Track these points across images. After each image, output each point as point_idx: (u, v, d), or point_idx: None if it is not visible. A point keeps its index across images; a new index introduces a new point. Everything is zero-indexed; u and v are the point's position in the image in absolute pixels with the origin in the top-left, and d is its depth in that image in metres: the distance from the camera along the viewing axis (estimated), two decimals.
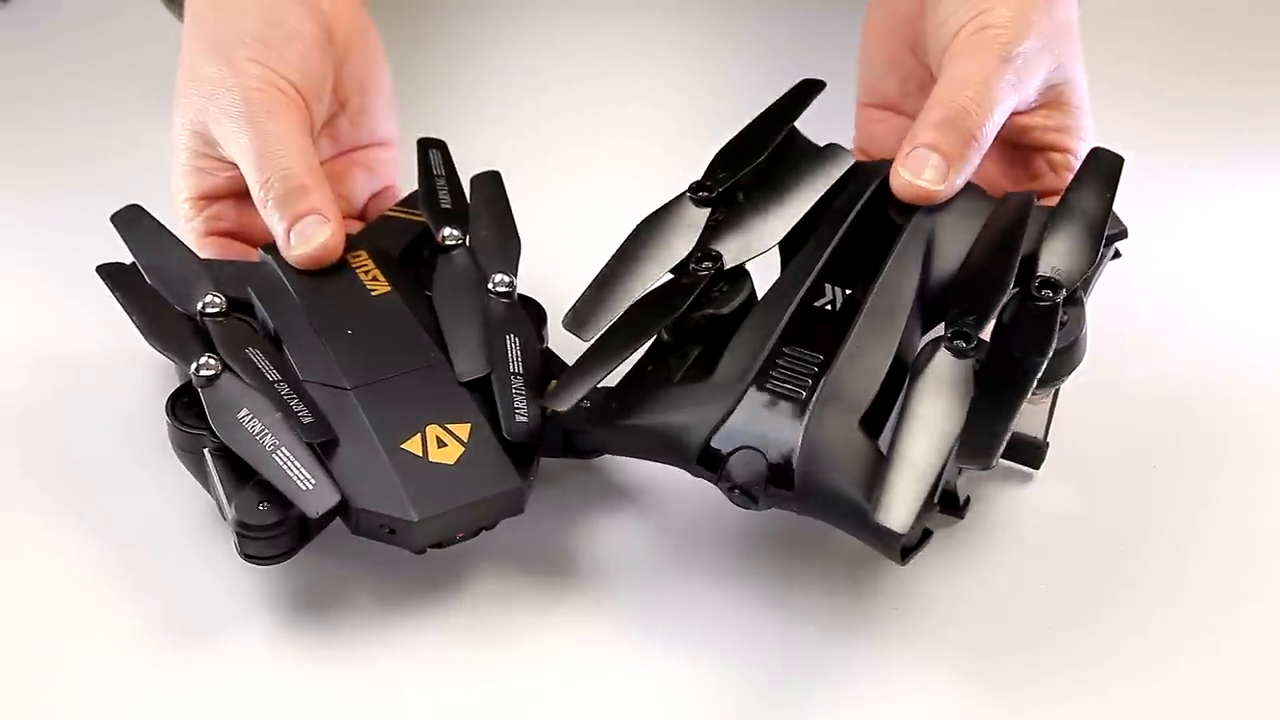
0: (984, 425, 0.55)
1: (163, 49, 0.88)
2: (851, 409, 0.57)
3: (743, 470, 0.57)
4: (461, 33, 0.86)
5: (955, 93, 0.62)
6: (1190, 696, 0.58)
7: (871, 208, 0.63)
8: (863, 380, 0.58)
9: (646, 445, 0.59)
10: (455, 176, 0.70)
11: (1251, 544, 0.63)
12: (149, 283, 0.64)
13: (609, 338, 0.60)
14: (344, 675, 0.59)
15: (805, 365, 0.58)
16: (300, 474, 0.57)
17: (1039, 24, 0.63)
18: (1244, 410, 0.69)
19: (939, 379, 0.57)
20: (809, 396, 0.57)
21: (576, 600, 0.61)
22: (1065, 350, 0.59)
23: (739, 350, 0.59)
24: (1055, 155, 0.65)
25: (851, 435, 0.57)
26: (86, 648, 0.59)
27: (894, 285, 0.60)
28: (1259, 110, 0.85)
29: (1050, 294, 0.59)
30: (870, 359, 0.58)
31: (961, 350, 0.57)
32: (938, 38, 0.64)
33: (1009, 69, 0.62)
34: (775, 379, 0.58)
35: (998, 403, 0.56)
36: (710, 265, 0.61)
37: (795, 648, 0.59)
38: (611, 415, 0.59)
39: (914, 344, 0.59)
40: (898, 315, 0.59)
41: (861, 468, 0.56)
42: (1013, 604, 0.61)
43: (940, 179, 0.61)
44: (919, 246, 0.61)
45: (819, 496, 0.56)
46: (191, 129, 0.67)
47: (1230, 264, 0.76)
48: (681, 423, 0.58)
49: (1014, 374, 0.57)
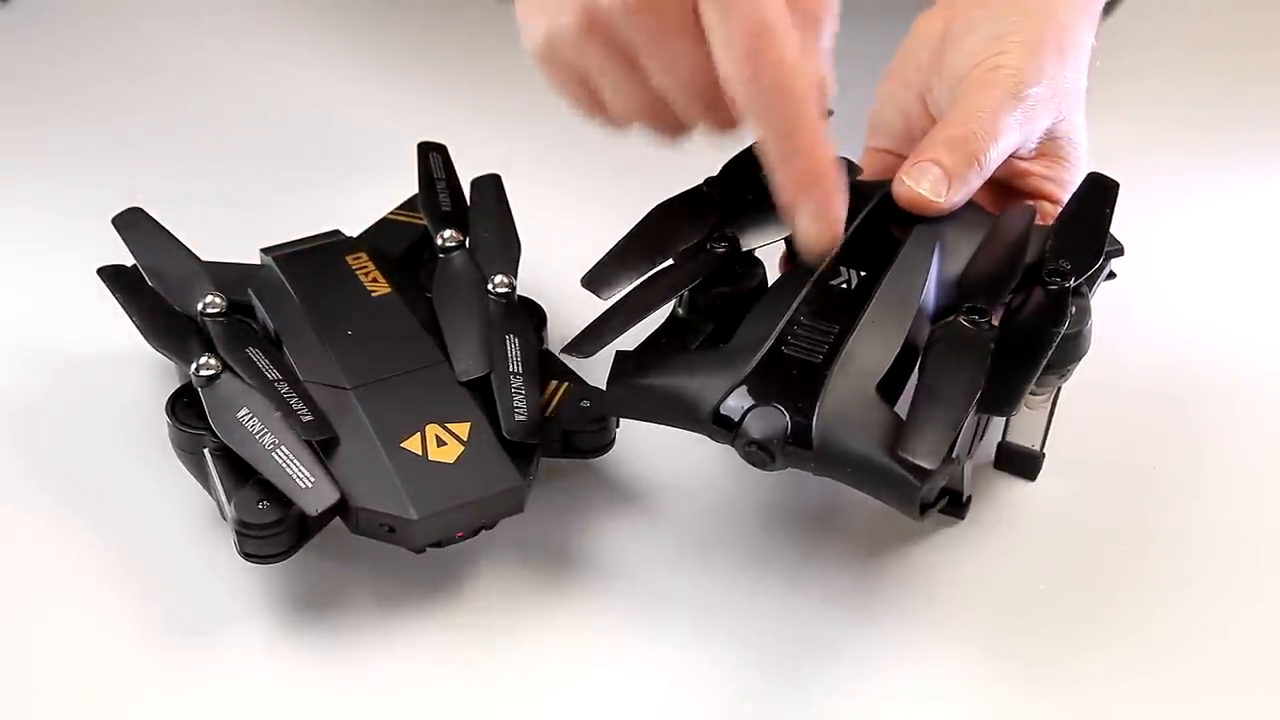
0: (1005, 381, 0.57)
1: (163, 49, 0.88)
2: (869, 374, 0.58)
3: (760, 426, 0.57)
4: (462, 34, 0.86)
5: (964, 118, 0.64)
6: (1189, 691, 0.59)
7: (880, 212, 0.63)
8: (879, 350, 0.58)
9: (662, 407, 0.59)
10: (455, 179, 0.70)
11: (1250, 541, 0.64)
12: (149, 284, 0.64)
13: (628, 299, 0.61)
14: (344, 675, 0.59)
15: (822, 334, 0.59)
16: (300, 472, 0.57)
17: (1050, 73, 0.65)
18: (1242, 409, 0.69)
19: (957, 344, 0.58)
20: (827, 361, 0.58)
21: (576, 600, 0.61)
22: (1073, 338, 0.60)
23: (756, 320, 0.60)
24: (1047, 205, 0.66)
25: (870, 397, 0.57)
26: (86, 647, 0.59)
27: (907, 271, 0.61)
28: (1258, 111, 0.85)
29: (1060, 279, 0.60)
30: (885, 332, 0.59)
31: (976, 323, 0.58)
32: (952, 76, 0.66)
33: (1018, 105, 0.64)
34: (793, 344, 0.59)
35: (1017, 364, 0.58)
36: (726, 245, 0.62)
37: (794, 649, 0.59)
38: (628, 376, 0.60)
39: (924, 335, 0.60)
40: (911, 296, 0.60)
41: (881, 428, 0.56)
42: (1016, 596, 0.61)
43: (940, 192, 0.63)
44: (930, 242, 0.62)
45: (839, 454, 0.57)
46: None
47: (1229, 265, 0.77)
48: (697, 384, 0.58)
49: (1031, 344, 0.58)
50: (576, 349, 0.60)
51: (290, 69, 0.86)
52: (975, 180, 0.63)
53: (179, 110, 0.83)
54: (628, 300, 0.61)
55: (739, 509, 0.62)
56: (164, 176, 0.77)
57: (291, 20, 0.89)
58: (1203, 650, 0.60)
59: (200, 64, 0.87)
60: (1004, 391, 0.57)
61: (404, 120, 0.79)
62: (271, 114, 0.83)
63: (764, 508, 0.63)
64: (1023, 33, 0.65)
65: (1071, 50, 0.66)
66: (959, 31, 0.66)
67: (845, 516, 0.63)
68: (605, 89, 0.61)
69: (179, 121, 0.83)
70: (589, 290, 0.61)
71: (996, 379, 0.57)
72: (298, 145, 0.81)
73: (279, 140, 0.82)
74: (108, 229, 0.67)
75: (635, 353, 0.61)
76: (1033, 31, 0.65)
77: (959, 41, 0.66)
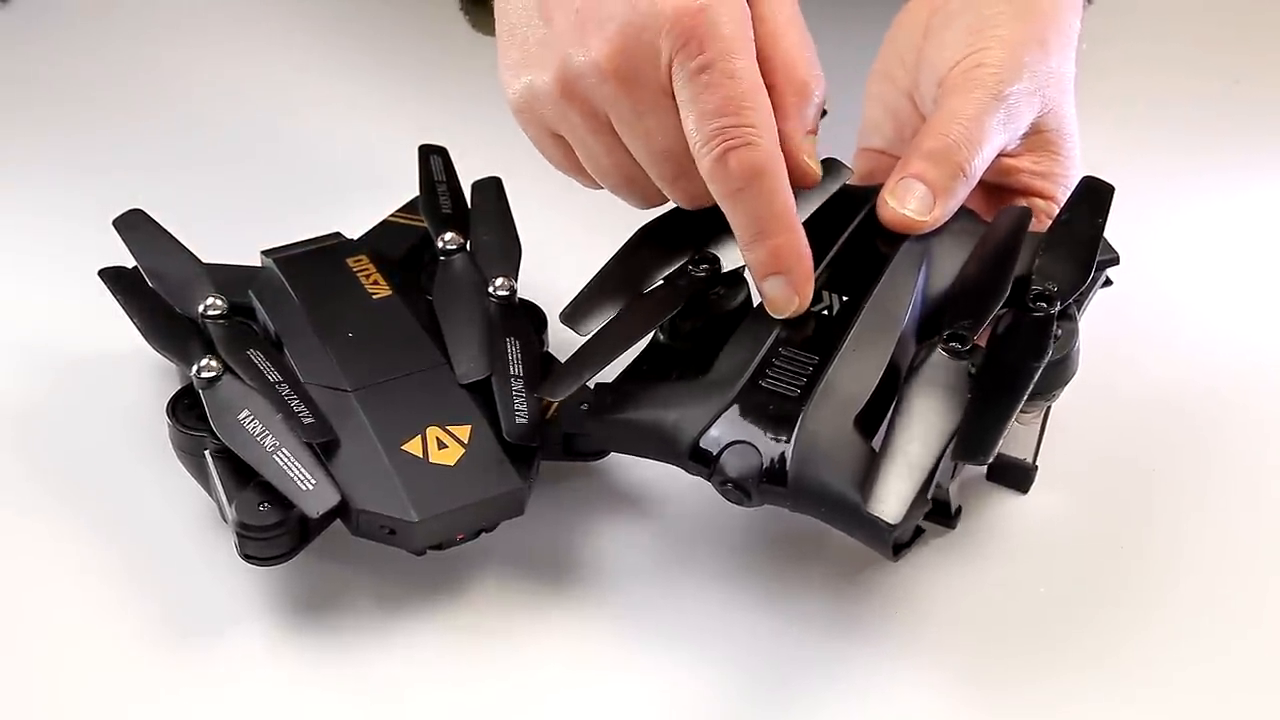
0: (981, 423, 0.56)
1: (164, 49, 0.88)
2: (846, 408, 0.57)
3: (736, 464, 0.57)
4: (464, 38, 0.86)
5: (946, 126, 0.63)
6: (1184, 704, 0.58)
7: (866, 225, 0.63)
8: (858, 381, 0.58)
9: (641, 440, 0.59)
10: (456, 182, 0.70)
11: (1245, 553, 0.63)
12: (150, 286, 0.64)
13: (606, 333, 0.60)
14: (344, 676, 0.59)
15: (801, 365, 0.59)
16: (300, 474, 0.57)
17: (1031, 67, 0.64)
18: (1240, 420, 0.69)
19: (934, 378, 0.57)
20: (804, 395, 0.58)
21: (576, 602, 0.61)
22: (1058, 363, 0.59)
23: (735, 350, 0.60)
24: (1040, 201, 0.66)
25: (846, 433, 0.57)
26: (87, 648, 0.59)
27: (891, 293, 0.60)
28: (1256, 113, 0.85)
29: (1045, 305, 0.59)
30: (866, 361, 0.59)
31: (956, 351, 0.58)
32: (932, 75, 0.65)
33: (1001, 106, 0.63)
34: (771, 377, 0.58)
35: (995, 404, 0.57)
36: (708, 267, 0.62)
37: (793, 650, 0.60)
38: (607, 410, 0.60)
39: (908, 355, 0.60)
40: (894, 320, 0.59)
41: (855, 465, 0.56)
42: (1007, 609, 0.61)
43: (925, 210, 0.62)
44: (915, 260, 0.61)
45: (813, 493, 0.57)
46: None
47: (1224, 269, 0.76)
48: (675, 418, 0.58)
49: (1010, 378, 0.57)
50: (550, 390, 0.59)
51: (292, 71, 0.86)
52: (962, 191, 0.63)
53: (180, 112, 0.83)
54: (606, 334, 0.60)
55: (737, 514, 0.62)
56: (165, 178, 0.77)
57: (294, 23, 0.89)
58: (1198, 664, 0.60)
59: (201, 65, 0.87)
60: (979, 437, 0.56)
61: (405, 123, 0.79)
62: (273, 116, 0.83)
63: (760, 514, 0.63)
64: (1003, 26, 0.64)
65: (1055, 38, 0.65)
66: (938, 26, 0.65)
67: None
68: (580, 150, 0.61)
69: (180, 123, 0.83)
70: (567, 326, 0.61)
71: (973, 419, 0.56)
72: (299, 148, 0.81)
73: (280, 142, 0.82)
74: (109, 231, 0.67)
75: (614, 385, 0.61)
76: (1013, 25, 0.64)
77: (938, 37, 0.65)
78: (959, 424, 0.56)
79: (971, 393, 0.57)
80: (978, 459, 0.56)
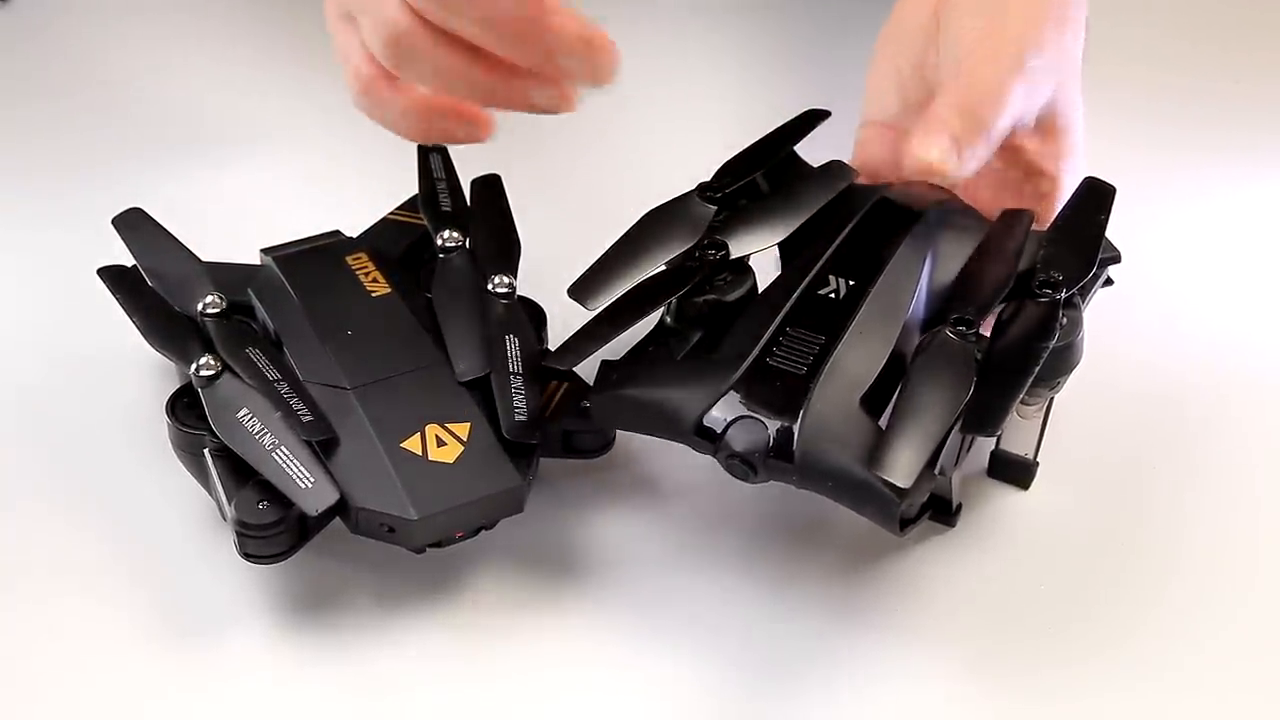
0: (989, 399, 0.57)
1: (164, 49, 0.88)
2: (853, 387, 0.58)
3: (743, 439, 0.57)
4: None
5: (971, 87, 0.63)
6: (1185, 699, 0.59)
7: (873, 217, 0.63)
8: (865, 361, 0.58)
9: (646, 417, 0.59)
10: (455, 179, 0.70)
11: (1245, 552, 0.63)
12: (150, 284, 0.64)
13: (615, 308, 0.61)
14: (344, 675, 0.59)
15: (808, 345, 0.59)
16: (299, 472, 0.57)
17: (1051, 41, 0.65)
18: (1240, 418, 0.69)
19: (942, 357, 0.58)
20: (811, 373, 0.58)
21: (576, 600, 0.61)
22: (1063, 350, 0.59)
23: (742, 330, 0.60)
24: (1044, 182, 0.66)
25: (853, 411, 0.57)
26: (86, 648, 0.59)
27: (896, 280, 0.61)
28: (1257, 111, 0.85)
29: (1050, 292, 0.59)
30: (872, 343, 0.59)
31: (963, 334, 0.58)
32: (952, 47, 0.65)
33: (1022, 76, 0.63)
34: (779, 355, 0.59)
35: (1002, 382, 0.57)
36: (715, 252, 0.62)
37: (795, 646, 0.60)
38: (613, 385, 0.60)
39: (912, 345, 0.60)
40: (900, 307, 0.60)
41: (862, 443, 0.56)
42: (1008, 604, 0.61)
43: (951, 157, 0.62)
44: (920, 251, 0.61)
45: (820, 469, 0.57)
46: None
47: (1225, 268, 0.77)
48: (681, 394, 0.58)
49: (1018, 360, 0.58)
50: (559, 359, 0.60)
51: (292, 70, 0.86)
52: (984, 150, 0.63)
53: (180, 111, 0.83)
54: (614, 309, 0.61)
55: (738, 510, 0.62)
56: (165, 178, 0.77)
57: (293, 20, 0.89)
58: (1198, 659, 0.60)
59: (200, 64, 0.87)
60: (987, 411, 0.57)
61: None
62: (272, 114, 0.83)
63: (762, 511, 0.63)
64: (1021, 3, 0.65)
65: (1070, 16, 0.66)
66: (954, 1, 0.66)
67: (840, 522, 0.63)
68: None
69: (180, 122, 0.83)
70: (575, 300, 0.61)
71: (981, 396, 0.57)
72: (298, 145, 0.81)
73: (279, 140, 0.82)
74: (108, 229, 0.67)
75: (620, 362, 0.61)
76: (1031, 3, 0.65)
77: (957, 11, 0.66)
78: (967, 399, 0.56)
79: (978, 374, 0.57)
80: (986, 431, 0.57)
